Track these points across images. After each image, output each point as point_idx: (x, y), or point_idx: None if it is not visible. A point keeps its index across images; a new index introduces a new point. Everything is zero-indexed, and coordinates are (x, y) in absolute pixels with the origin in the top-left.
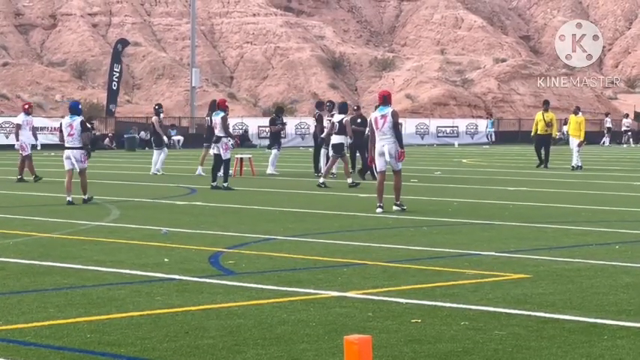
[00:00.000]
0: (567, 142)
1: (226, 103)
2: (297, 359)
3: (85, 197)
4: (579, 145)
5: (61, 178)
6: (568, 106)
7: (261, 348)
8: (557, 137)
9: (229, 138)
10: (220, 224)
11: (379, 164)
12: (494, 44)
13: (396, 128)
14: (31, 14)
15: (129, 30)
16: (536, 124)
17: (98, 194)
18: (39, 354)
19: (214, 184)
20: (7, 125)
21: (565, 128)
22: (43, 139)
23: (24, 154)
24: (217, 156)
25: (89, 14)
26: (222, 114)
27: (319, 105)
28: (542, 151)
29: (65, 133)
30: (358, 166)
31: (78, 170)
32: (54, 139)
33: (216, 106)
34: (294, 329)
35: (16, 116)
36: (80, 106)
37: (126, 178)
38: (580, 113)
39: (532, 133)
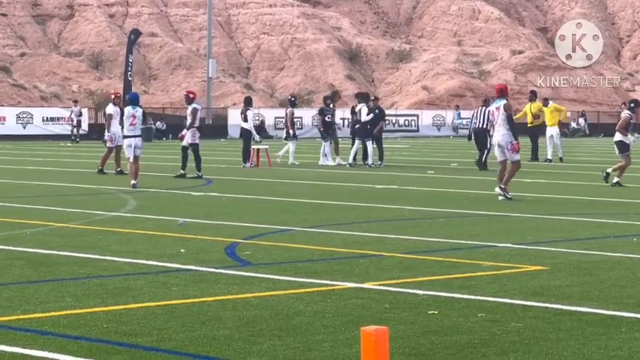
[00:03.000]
0: (585, 134)
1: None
2: (314, 350)
3: (135, 182)
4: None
5: (76, 168)
6: (585, 99)
7: (278, 339)
8: (573, 128)
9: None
10: (236, 215)
11: (497, 154)
12: (511, 36)
13: (509, 121)
14: (49, 4)
15: (146, 21)
16: (524, 116)
17: (114, 185)
18: (56, 343)
19: (183, 171)
20: (24, 115)
21: (582, 120)
22: (60, 129)
23: (110, 146)
24: (188, 147)
25: (106, 5)
26: (194, 105)
27: (360, 96)
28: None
29: (127, 123)
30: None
31: (134, 156)
32: (69, 130)
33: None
34: (311, 320)
35: (32, 106)
36: (139, 97)
37: (142, 168)
38: (550, 103)
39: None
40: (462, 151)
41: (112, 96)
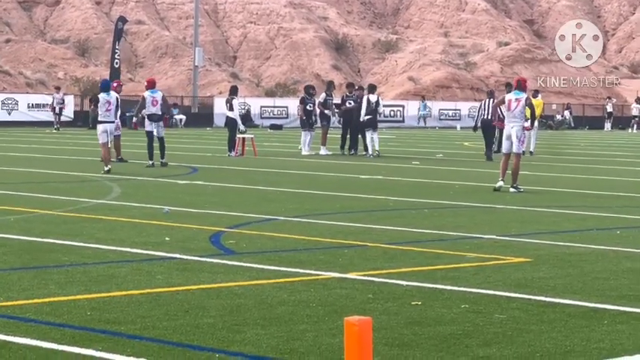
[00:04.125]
0: (570, 126)
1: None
2: (297, 340)
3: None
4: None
5: (62, 155)
6: (571, 91)
7: (261, 328)
8: (559, 120)
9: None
10: (221, 204)
11: (505, 146)
12: (497, 27)
13: (532, 111)
14: None
15: (132, 8)
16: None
17: (99, 172)
18: (39, 331)
19: (151, 162)
20: (9, 102)
21: (567, 113)
22: (45, 116)
23: (117, 133)
24: (151, 134)
25: None
26: (160, 92)
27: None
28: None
29: (103, 109)
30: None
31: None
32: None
33: (151, 84)
34: (295, 310)
35: (17, 93)
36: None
37: (127, 156)
38: (539, 96)
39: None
40: (447, 142)
41: (115, 84)
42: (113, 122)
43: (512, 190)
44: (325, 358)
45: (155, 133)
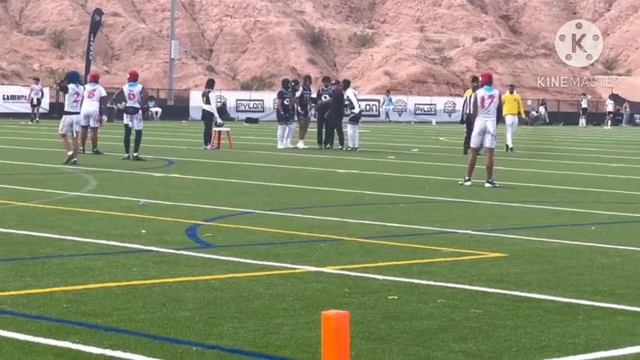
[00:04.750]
0: (545, 122)
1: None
2: (274, 333)
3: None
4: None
5: (37, 147)
6: (546, 87)
7: (238, 321)
8: (535, 116)
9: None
10: (197, 197)
11: (476, 141)
12: (473, 23)
13: (500, 109)
14: None
15: (109, 0)
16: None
17: (75, 164)
18: (15, 323)
19: (127, 155)
20: None
21: (542, 109)
22: (20, 107)
23: (95, 125)
24: (129, 127)
25: None
26: (140, 85)
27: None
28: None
29: (71, 100)
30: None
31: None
32: (30, 108)
33: (132, 77)
34: (271, 303)
35: None
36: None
37: (103, 148)
38: (515, 92)
39: None
40: (423, 137)
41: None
42: (79, 113)
43: (487, 185)
44: (302, 352)
45: (132, 126)
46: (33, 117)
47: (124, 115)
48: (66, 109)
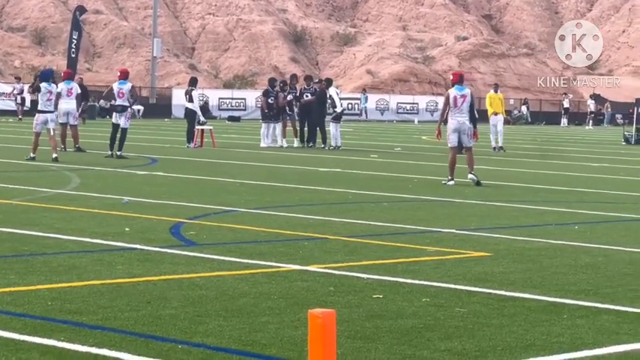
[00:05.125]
0: (527, 121)
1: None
2: (259, 331)
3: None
4: (506, 122)
5: (20, 144)
6: (528, 86)
7: (223, 319)
8: (517, 115)
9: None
10: (181, 195)
11: (453, 140)
12: (456, 22)
13: (473, 108)
14: None
15: None
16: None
17: (58, 162)
18: (0, 320)
19: (110, 153)
20: None
21: (524, 108)
22: (1, 104)
23: (75, 123)
24: (116, 125)
25: None
26: (129, 84)
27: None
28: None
29: (44, 99)
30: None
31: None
32: (12, 105)
33: (122, 75)
34: (256, 302)
35: None
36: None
37: (85, 146)
38: (499, 91)
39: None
40: (405, 136)
41: (62, 74)
42: (53, 112)
43: (470, 176)
44: (287, 350)
45: (115, 122)
46: (19, 117)
47: (113, 113)
48: (39, 107)
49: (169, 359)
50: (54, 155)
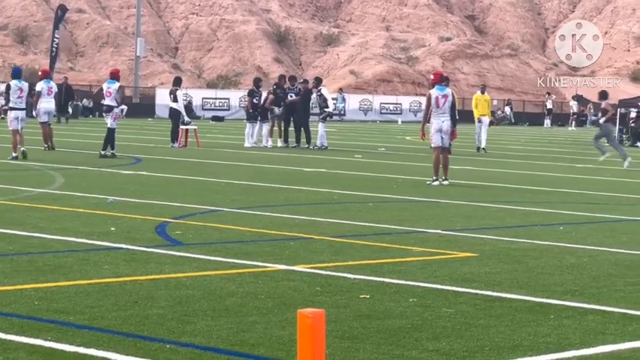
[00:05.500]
0: (511, 122)
1: (119, 73)
2: (247, 331)
3: (103, 152)
4: (490, 123)
5: (3, 144)
6: (511, 87)
7: (211, 319)
8: (501, 116)
9: (120, 108)
10: (166, 194)
11: (436, 139)
12: (439, 23)
13: (454, 108)
14: None
15: None
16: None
17: (40, 161)
18: None
19: (103, 152)
20: None
21: (507, 109)
22: None
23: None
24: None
25: None
26: (117, 83)
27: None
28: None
29: (15, 96)
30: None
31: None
32: None
33: (110, 75)
34: (244, 301)
35: None
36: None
37: (69, 145)
38: (486, 92)
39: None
40: (389, 136)
41: (40, 72)
42: (24, 109)
43: (445, 183)
44: (276, 350)
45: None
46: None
47: (104, 113)
48: (10, 105)
49: (157, 359)
50: (22, 149)
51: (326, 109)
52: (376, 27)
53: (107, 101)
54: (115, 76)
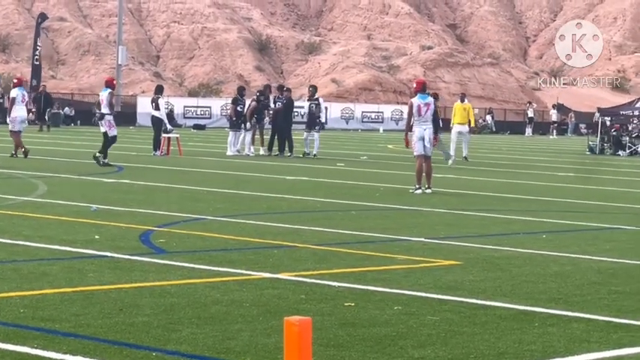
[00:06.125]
0: (492, 131)
1: (114, 82)
2: (233, 339)
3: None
4: (472, 132)
5: None
6: (492, 96)
7: (196, 327)
8: (482, 125)
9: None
10: (149, 203)
11: (419, 148)
12: (420, 31)
13: (437, 116)
14: None
15: (54, 5)
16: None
17: (24, 169)
18: None
19: (105, 160)
20: None
21: (489, 118)
22: None
23: (14, 129)
24: (104, 133)
25: None
26: (108, 90)
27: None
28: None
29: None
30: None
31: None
32: None
33: (105, 83)
34: (229, 309)
35: None
36: (114, 82)
37: (51, 153)
38: (466, 100)
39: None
40: (371, 144)
41: (15, 80)
42: None
43: (429, 191)
44: (261, 358)
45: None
46: None
47: (98, 121)
48: None
49: None
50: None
51: (319, 119)
52: (357, 35)
53: (102, 109)
54: (108, 84)
